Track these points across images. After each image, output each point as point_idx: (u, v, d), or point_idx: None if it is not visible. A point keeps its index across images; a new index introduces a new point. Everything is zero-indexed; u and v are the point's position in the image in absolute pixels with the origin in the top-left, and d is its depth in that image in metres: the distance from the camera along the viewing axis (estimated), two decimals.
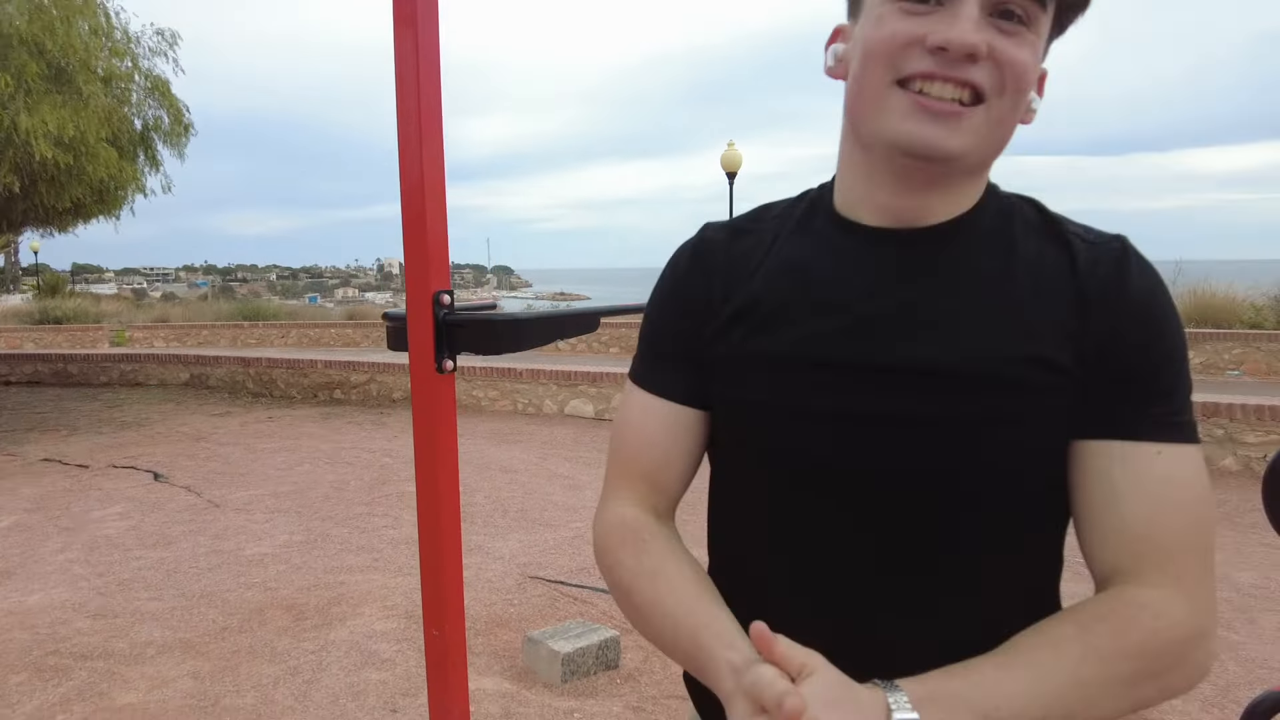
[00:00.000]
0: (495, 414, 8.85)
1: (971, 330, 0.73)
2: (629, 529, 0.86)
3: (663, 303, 0.89)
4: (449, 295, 2.05)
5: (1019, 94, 0.71)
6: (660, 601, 0.79)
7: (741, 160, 14.86)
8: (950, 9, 0.69)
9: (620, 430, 0.91)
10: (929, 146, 0.70)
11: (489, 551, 4.49)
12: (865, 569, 0.77)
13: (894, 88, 0.71)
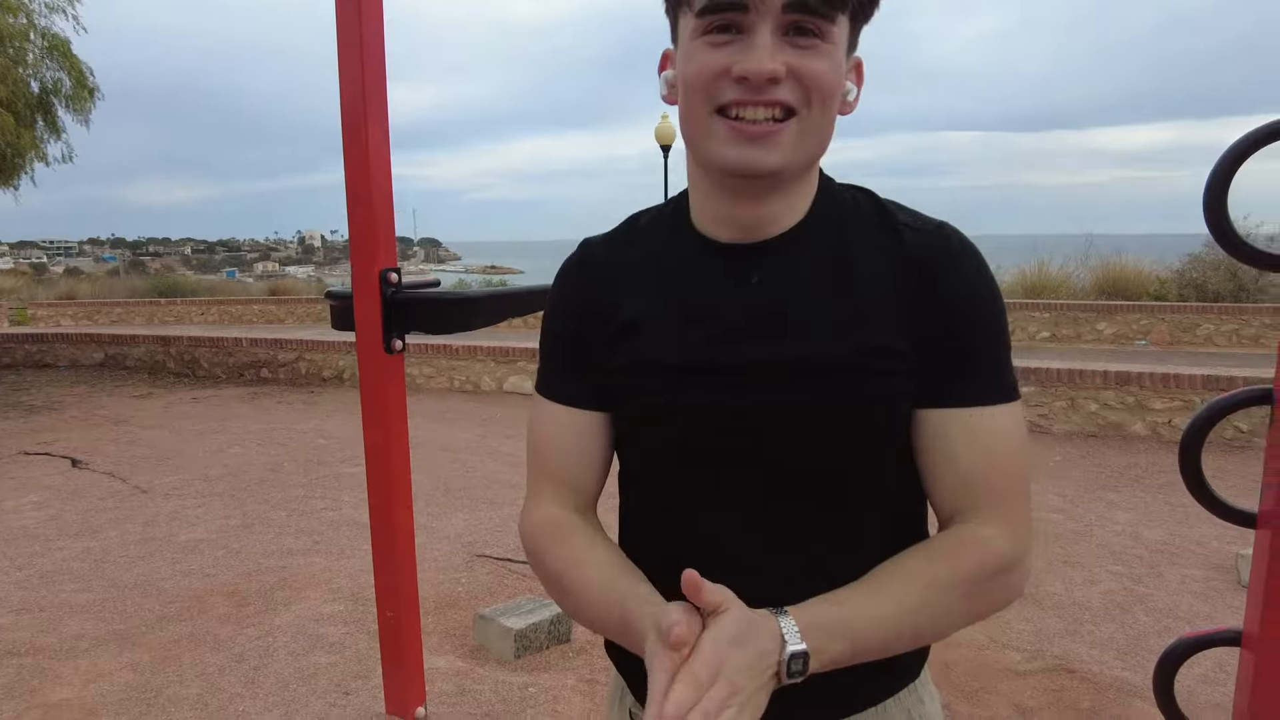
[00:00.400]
0: (432, 392, 8.74)
1: (818, 327, 0.84)
2: (554, 524, 0.94)
3: (557, 315, 0.97)
4: (396, 273, 2.03)
5: (826, 100, 0.80)
6: (587, 582, 0.88)
7: (675, 133, 14.83)
8: (748, 39, 0.77)
9: (534, 441, 0.99)
10: (750, 166, 0.80)
11: (434, 531, 4.46)
12: (751, 532, 0.88)
13: (714, 116, 0.80)
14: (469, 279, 26.49)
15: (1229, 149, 1.17)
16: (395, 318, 2.06)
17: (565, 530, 0.93)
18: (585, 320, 0.94)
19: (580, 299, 0.95)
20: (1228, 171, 1.15)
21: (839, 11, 0.78)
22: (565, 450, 0.95)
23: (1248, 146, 1.15)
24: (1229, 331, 10.79)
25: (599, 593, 0.86)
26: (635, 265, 0.93)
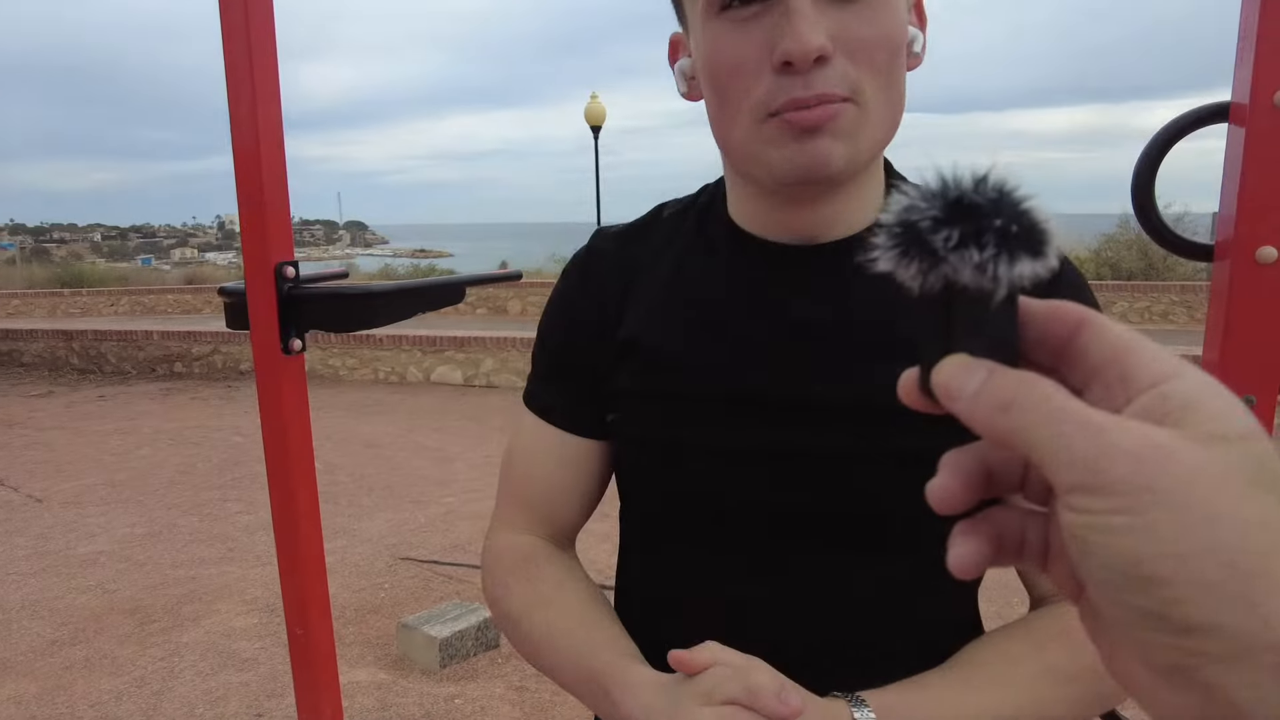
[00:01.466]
0: (355, 384, 8.45)
1: (885, 353, 0.66)
2: (520, 554, 0.80)
3: (553, 324, 0.81)
4: (293, 267, 1.85)
5: (891, 67, 0.63)
6: (553, 627, 0.74)
7: (605, 113, 14.65)
8: (781, 5, 0.60)
9: (511, 455, 0.84)
10: (811, 166, 0.63)
11: (355, 534, 4.28)
12: (804, 605, 0.72)
13: (764, 120, 0.64)
14: (396, 263, 25.89)
15: (1151, 141, 1.11)
16: (293, 315, 2.15)
17: (535, 561, 0.79)
18: (579, 331, 0.78)
19: (575, 306, 0.79)
20: (1153, 163, 1.10)
21: None
22: (543, 474, 0.81)
23: (1173, 135, 1.10)
24: (1141, 309, 11.24)
25: (567, 642, 0.73)
26: (652, 266, 0.77)
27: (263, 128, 1.64)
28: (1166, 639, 0.25)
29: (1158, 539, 0.24)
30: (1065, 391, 0.27)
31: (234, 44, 1.44)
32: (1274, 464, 0.25)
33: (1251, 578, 0.24)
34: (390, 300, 2.14)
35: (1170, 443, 0.25)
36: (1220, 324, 0.99)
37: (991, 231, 0.27)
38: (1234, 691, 0.24)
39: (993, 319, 0.29)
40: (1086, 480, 0.25)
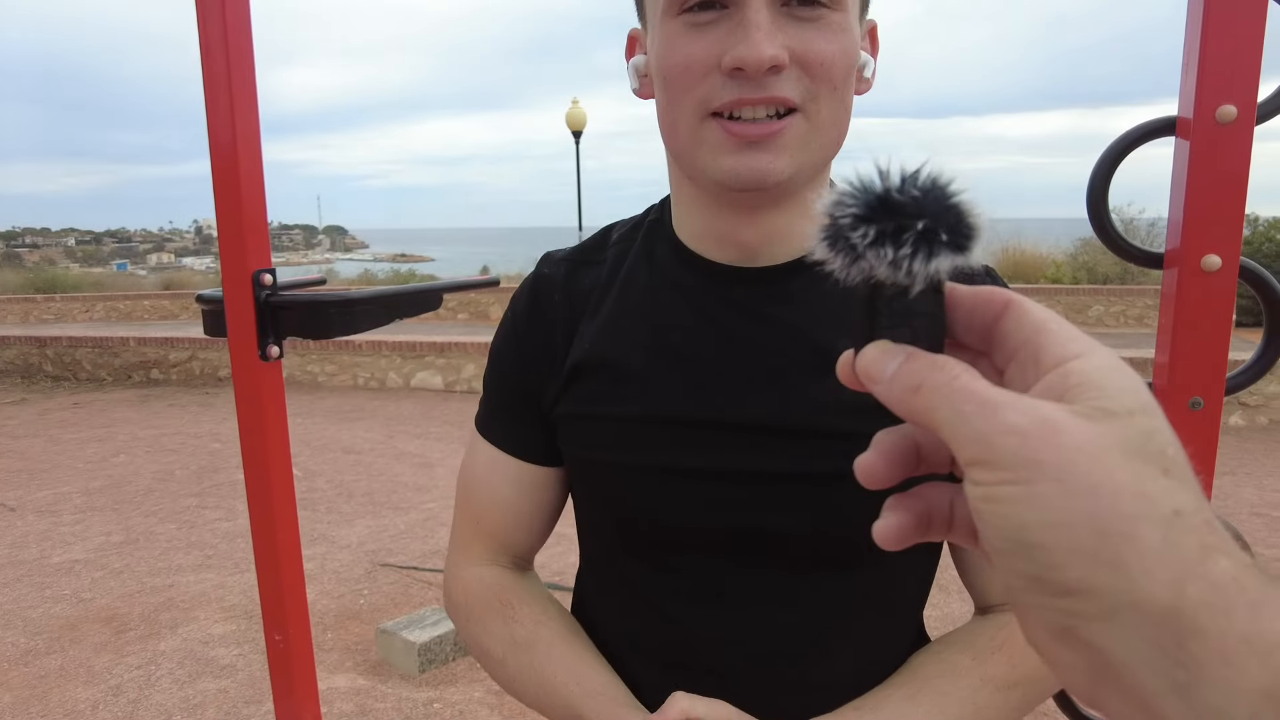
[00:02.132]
0: (334, 390, 8.40)
1: (826, 379, 0.70)
2: (492, 594, 0.81)
3: (503, 351, 0.82)
4: (271, 274, 1.86)
5: (840, 87, 0.65)
6: (539, 673, 0.75)
7: (586, 118, 14.66)
8: (738, 15, 0.61)
9: (466, 482, 0.85)
10: (752, 178, 0.64)
11: (334, 540, 4.27)
12: (748, 624, 0.74)
13: (707, 120, 0.65)
14: (377, 268, 25.73)
15: (1103, 154, 1.16)
16: (271, 322, 2.16)
17: (508, 601, 0.80)
18: (528, 357, 0.79)
19: (524, 334, 0.79)
20: (1106, 174, 1.14)
21: None
22: (499, 501, 0.82)
23: (1124, 147, 1.14)
24: (1117, 312, 11.39)
25: (553, 685, 0.74)
26: (602, 290, 0.77)
27: (240, 136, 1.65)
28: (1050, 601, 0.27)
29: (1042, 508, 0.26)
30: (973, 372, 0.29)
31: (211, 52, 1.44)
32: (1161, 438, 0.27)
33: (1120, 542, 0.25)
34: (367, 307, 2.16)
35: (1058, 418, 0.27)
36: (1170, 328, 1.03)
37: (910, 229, 0.29)
38: (1109, 648, 0.26)
39: (914, 307, 0.31)
40: (982, 455, 0.27)
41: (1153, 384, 1.21)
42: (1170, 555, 0.25)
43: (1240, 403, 6.43)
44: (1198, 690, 0.24)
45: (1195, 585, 0.25)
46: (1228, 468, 5.25)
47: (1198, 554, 0.25)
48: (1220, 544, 0.26)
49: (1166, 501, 0.26)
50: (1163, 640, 0.25)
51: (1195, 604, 0.25)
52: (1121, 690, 0.26)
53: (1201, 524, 0.26)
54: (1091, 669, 0.27)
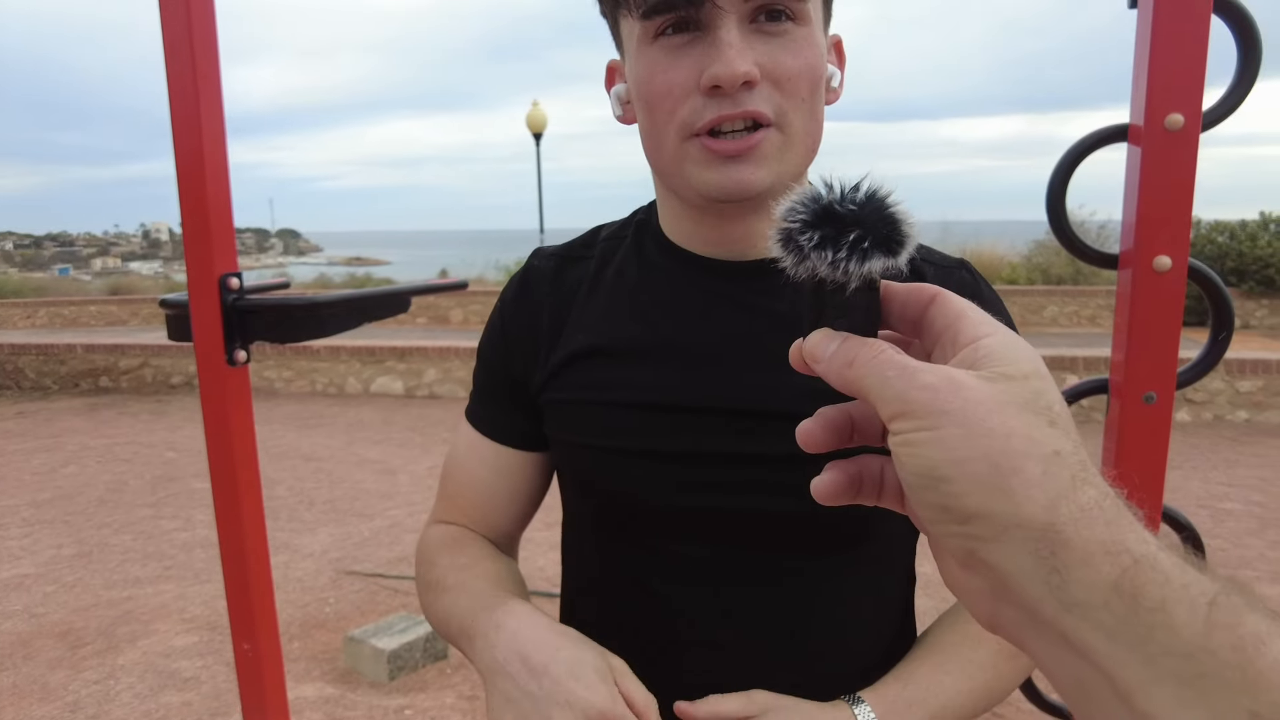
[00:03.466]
0: (292, 397, 8.27)
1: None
2: (449, 537, 0.86)
3: (492, 342, 0.86)
4: (237, 278, 1.86)
5: (812, 95, 0.69)
6: (462, 586, 0.78)
7: (547, 120, 14.62)
8: (711, 36, 0.65)
9: (450, 466, 0.89)
10: (734, 189, 0.68)
11: (297, 549, 4.21)
12: (729, 609, 0.76)
13: (689, 140, 0.69)
14: (332, 272, 25.33)
15: (1061, 159, 1.20)
16: (237, 327, 2.13)
17: (463, 542, 0.84)
18: (517, 348, 0.81)
19: (513, 325, 0.82)
20: (1063, 179, 1.19)
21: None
22: (480, 485, 0.85)
23: (1080, 153, 1.19)
24: (1071, 312, 11.69)
25: (470, 591, 0.76)
26: (591, 284, 0.80)
27: (206, 137, 1.63)
28: (956, 529, 0.33)
29: (947, 448, 0.32)
30: (895, 348, 0.36)
31: (176, 51, 1.42)
32: (1048, 397, 0.34)
33: (1010, 474, 0.31)
34: (335, 310, 2.15)
35: (963, 378, 0.33)
36: (1124, 327, 1.08)
37: (846, 235, 0.34)
38: (1001, 563, 0.32)
39: (852, 301, 0.37)
40: (900, 409, 0.33)
41: (1109, 380, 1.26)
42: (1048, 484, 0.31)
43: (1187, 399, 6.66)
44: (1066, 588, 0.30)
45: (1066, 507, 0.31)
46: (1175, 462, 5.43)
47: (1070, 484, 0.31)
48: (1089, 478, 0.32)
49: (1049, 444, 0.32)
50: (1041, 551, 0.31)
51: (1065, 520, 0.31)
52: (1012, 601, 0.32)
53: (1075, 463, 0.32)
54: (991, 588, 0.33)
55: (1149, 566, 0.30)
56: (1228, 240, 12.02)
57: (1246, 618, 0.28)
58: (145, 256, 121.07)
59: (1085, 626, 0.30)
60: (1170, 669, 0.28)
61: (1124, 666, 0.29)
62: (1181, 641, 0.28)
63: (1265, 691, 0.27)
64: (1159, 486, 1.10)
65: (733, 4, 0.64)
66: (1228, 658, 0.28)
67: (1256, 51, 0.96)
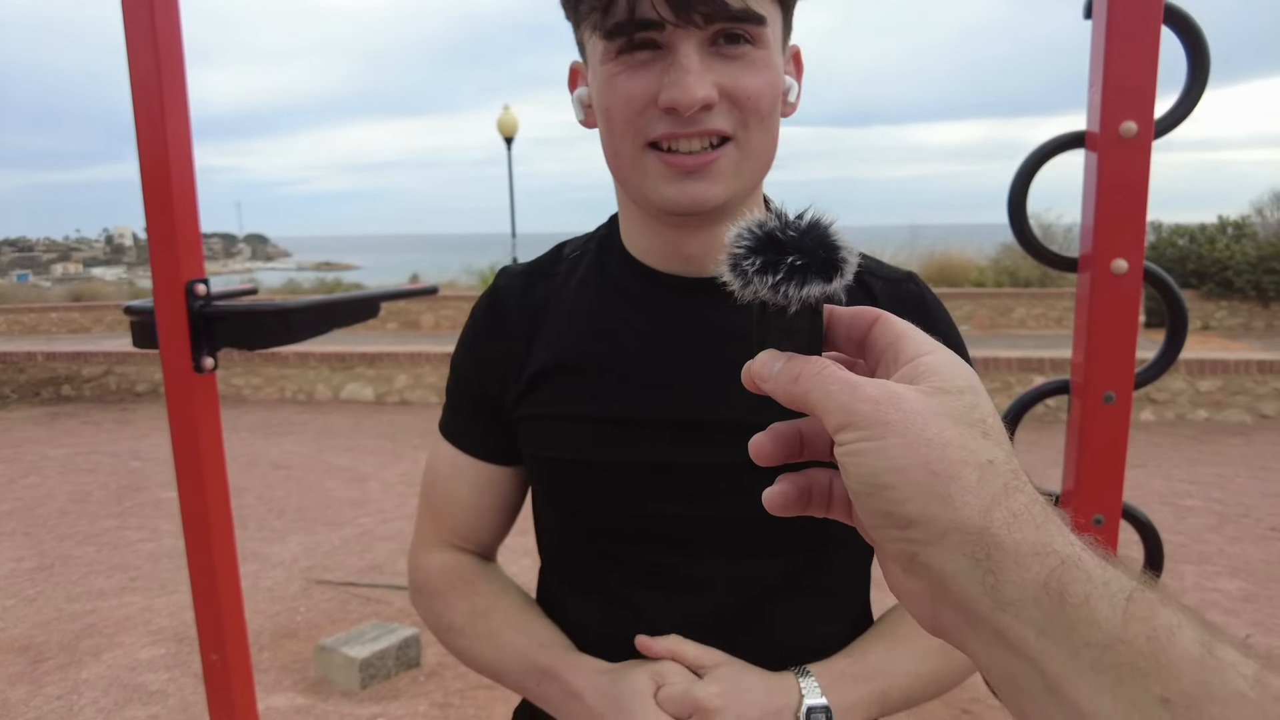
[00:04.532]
0: (260, 404, 8.16)
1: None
2: (454, 573, 0.87)
3: (463, 359, 0.87)
4: (204, 284, 1.84)
5: (766, 117, 0.71)
6: (496, 633, 0.81)
7: (518, 124, 14.58)
8: (671, 58, 0.67)
9: (429, 479, 0.90)
10: (691, 204, 0.70)
11: (266, 557, 4.15)
12: (693, 612, 0.78)
13: (646, 150, 0.70)
14: (301, 277, 25.05)
15: (1021, 165, 1.23)
16: (204, 334, 2.09)
17: (469, 578, 0.86)
18: (487, 366, 0.83)
19: (483, 342, 0.84)
20: (1024, 184, 1.21)
21: (768, 9, 0.68)
22: (458, 499, 0.87)
23: (1039, 159, 1.22)
24: (1038, 314, 11.87)
25: (510, 644, 0.80)
26: (557, 301, 0.82)
27: (171, 142, 1.61)
28: (898, 533, 0.35)
29: (888, 456, 0.34)
30: (838, 365, 0.38)
31: (140, 54, 1.40)
32: (982, 410, 0.36)
33: (947, 481, 0.33)
34: (304, 316, 2.13)
35: (903, 392, 0.35)
36: (1084, 328, 1.10)
37: (786, 262, 0.37)
38: (939, 566, 0.34)
39: (796, 322, 0.39)
40: (844, 420, 0.35)
41: (1069, 380, 1.29)
42: (983, 490, 0.33)
43: (1150, 399, 6.79)
44: (1000, 588, 0.32)
45: (999, 512, 0.33)
46: (1139, 460, 5.54)
47: (1002, 491, 0.33)
48: (1020, 485, 0.34)
49: (983, 453, 0.34)
50: (976, 553, 0.33)
51: (998, 524, 0.33)
52: (951, 603, 0.34)
53: (1008, 471, 0.34)
54: (931, 591, 0.35)
55: (1074, 566, 0.32)
56: (1188, 243, 12.28)
57: (1160, 611, 0.30)
58: (108, 262, 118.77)
59: (1017, 623, 0.32)
60: (1091, 659, 0.30)
61: (1052, 659, 0.31)
62: (1102, 634, 0.30)
63: (1173, 678, 0.29)
64: (1119, 483, 1.13)
65: (693, 29, 0.66)
66: (1142, 647, 0.30)
67: (1205, 61, 0.99)
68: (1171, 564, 3.85)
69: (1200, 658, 0.29)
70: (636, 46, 0.67)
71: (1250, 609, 3.42)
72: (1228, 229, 12.63)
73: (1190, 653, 0.29)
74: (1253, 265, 11.54)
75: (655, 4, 0.64)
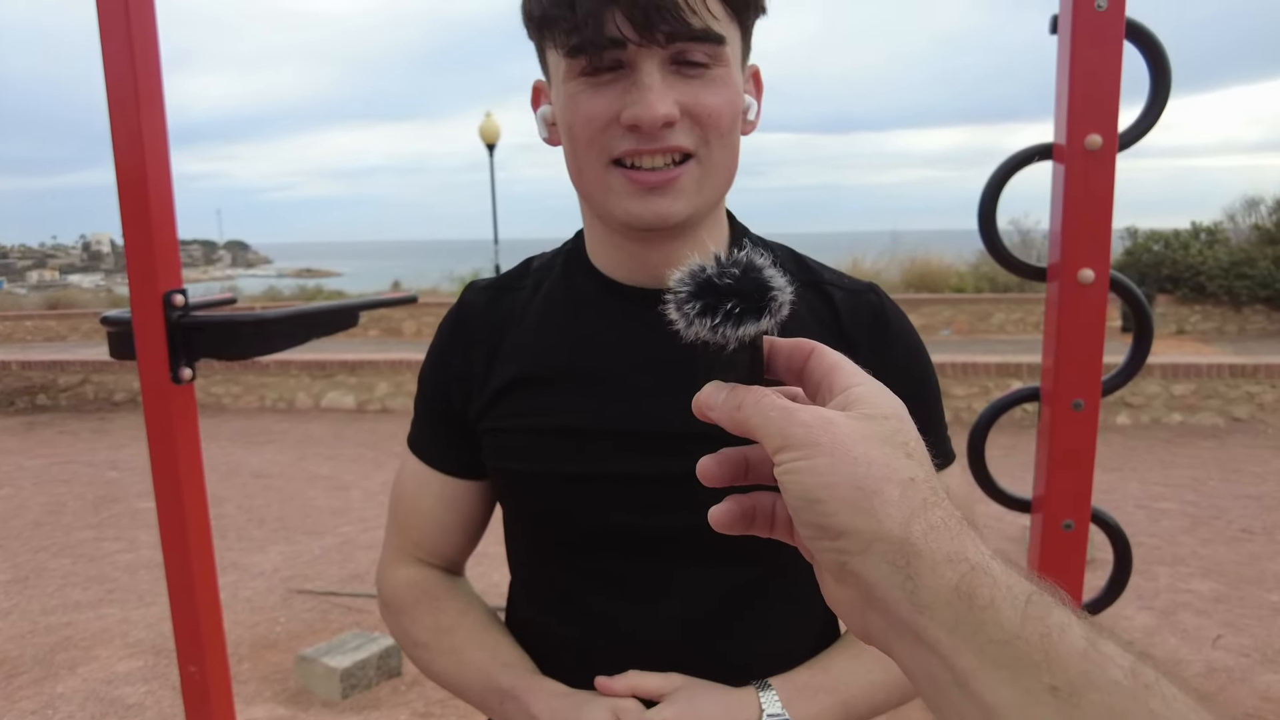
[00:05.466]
0: (240, 412, 8.10)
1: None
2: (420, 589, 0.88)
3: (429, 374, 0.88)
4: (182, 294, 1.83)
5: (726, 134, 0.73)
6: (459, 650, 0.83)
7: (500, 131, 14.56)
8: (633, 76, 0.68)
9: (397, 494, 0.91)
10: (654, 219, 0.72)
11: (246, 568, 4.12)
12: (660, 621, 0.79)
13: (610, 168, 0.72)
14: (282, 284, 24.85)
15: (990, 177, 1.25)
16: (182, 345, 2.07)
17: (436, 594, 0.87)
18: (454, 380, 0.84)
19: (448, 358, 0.85)
20: (993, 195, 1.24)
21: (727, 29, 0.70)
22: (425, 513, 0.88)
23: (1008, 171, 1.24)
24: (1017, 319, 11.99)
25: (473, 662, 0.81)
26: (523, 315, 0.83)
27: (148, 150, 1.60)
28: (829, 544, 0.38)
29: (820, 474, 0.38)
30: (775, 394, 0.42)
31: (116, 60, 1.39)
32: (905, 434, 0.40)
33: (872, 496, 0.37)
34: (282, 327, 2.12)
35: (834, 417, 0.39)
36: (1053, 335, 1.12)
37: (722, 305, 0.41)
38: (866, 574, 0.37)
39: (736, 357, 0.43)
40: (781, 442, 0.39)
41: (1040, 387, 1.32)
42: (904, 504, 0.37)
43: (1125, 403, 6.88)
44: (918, 592, 0.35)
45: (918, 523, 0.36)
46: (1115, 464, 5.60)
47: (922, 505, 0.37)
48: (938, 501, 0.38)
49: (905, 471, 0.38)
50: (898, 561, 0.36)
51: (917, 534, 0.36)
52: (877, 608, 0.37)
53: (927, 488, 0.38)
54: (860, 598, 0.38)
55: (983, 572, 0.35)
56: (1163, 249, 12.46)
57: (1054, 612, 0.34)
58: (86, 269, 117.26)
59: (932, 624, 0.35)
60: (994, 655, 0.34)
61: (961, 655, 0.34)
62: (1004, 632, 0.34)
63: (1061, 669, 0.32)
64: (1088, 488, 1.15)
65: (654, 49, 0.67)
66: (1036, 643, 0.33)
67: (1166, 75, 1.02)
68: (1146, 566, 3.90)
69: (1085, 651, 0.33)
70: (600, 65, 0.69)
71: (1222, 609, 3.47)
72: (1200, 235, 12.82)
73: (1077, 647, 0.33)
74: (1225, 270, 11.73)
75: (619, 23, 0.66)
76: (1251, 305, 11.77)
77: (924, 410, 0.80)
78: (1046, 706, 0.32)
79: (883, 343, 0.81)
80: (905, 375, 0.79)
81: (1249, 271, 11.63)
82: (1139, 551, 4.03)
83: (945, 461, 0.84)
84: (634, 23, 0.66)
